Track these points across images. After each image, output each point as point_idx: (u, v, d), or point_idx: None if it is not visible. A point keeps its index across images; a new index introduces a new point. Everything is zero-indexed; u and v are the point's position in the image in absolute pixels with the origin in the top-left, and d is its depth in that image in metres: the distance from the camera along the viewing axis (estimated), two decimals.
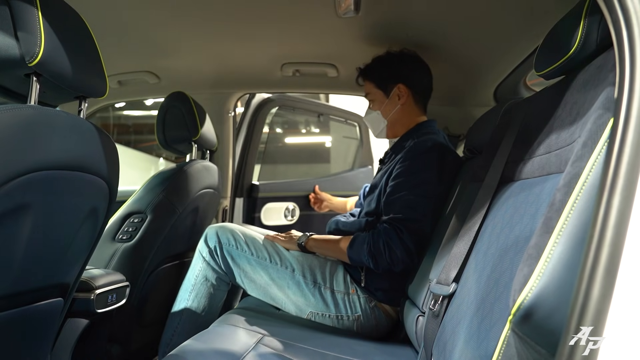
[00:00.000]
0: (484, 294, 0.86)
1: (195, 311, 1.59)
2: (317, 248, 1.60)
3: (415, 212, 1.44)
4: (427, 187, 1.46)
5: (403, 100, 1.68)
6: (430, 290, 1.12)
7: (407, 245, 1.40)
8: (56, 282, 1.06)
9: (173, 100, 1.81)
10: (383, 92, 1.70)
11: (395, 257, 1.41)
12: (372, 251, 1.44)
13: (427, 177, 1.47)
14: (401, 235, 1.41)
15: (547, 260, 0.59)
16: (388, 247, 1.42)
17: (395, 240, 1.41)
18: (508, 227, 0.90)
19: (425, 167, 1.48)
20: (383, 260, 1.42)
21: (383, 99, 1.71)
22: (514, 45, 1.59)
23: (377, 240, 1.44)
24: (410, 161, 1.51)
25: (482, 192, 1.09)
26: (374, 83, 1.72)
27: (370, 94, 1.74)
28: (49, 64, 0.87)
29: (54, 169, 0.87)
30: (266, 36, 1.71)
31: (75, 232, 1.02)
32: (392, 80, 1.68)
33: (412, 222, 1.43)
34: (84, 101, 1.05)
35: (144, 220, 1.60)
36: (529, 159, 0.96)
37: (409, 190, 1.46)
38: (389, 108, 1.70)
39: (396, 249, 1.41)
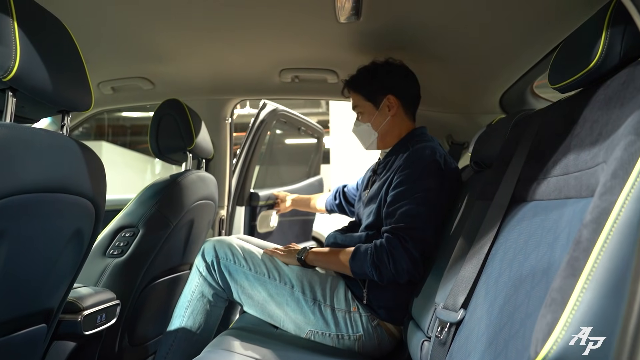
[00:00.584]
0: (497, 327, 0.79)
1: (191, 328, 1.53)
2: (317, 262, 1.54)
3: (418, 220, 1.39)
4: (429, 195, 1.42)
5: (393, 111, 1.63)
6: (436, 315, 1.06)
7: (412, 254, 1.36)
8: (38, 309, 0.99)
9: (167, 108, 1.74)
10: (372, 103, 1.65)
11: (400, 267, 1.36)
12: (375, 262, 1.39)
13: (428, 185, 1.43)
14: (405, 244, 1.36)
15: (574, 308, 0.52)
16: (392, 257, 1.37)
17: (399, 249, 1.36)
18: (522, 254, 0.83)
19: (426, 174, 1.44)
20: (387, 271, 1.38)
21: (372, 111, 1.65)
22: (521, 53, 1.53)
23: (380, 251, 1.39)
24: (410, 169, 1.46)
25: (492, 211, 1.03)
26: (362, 95, 1.66)
27: (358, 107, 1.69)
28: (25, 78, 0.80)
29: (31, 192, 0.81)
30: (264, 41, 1.65)
31: (57, 256, 0.95)
32: (381, 92, 1.63)
33: (415, 230, 1.38)
34: (67, 116, 0.98)
35: (136, 235, 1.53)
36: (543, 179, 0.89)
37: (410, 199, 1.42)
38: (379, 120, 1.65)
39: (400, 258, 1.36)
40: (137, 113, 8.67)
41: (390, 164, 1.57)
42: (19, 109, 0.88)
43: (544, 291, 0.70)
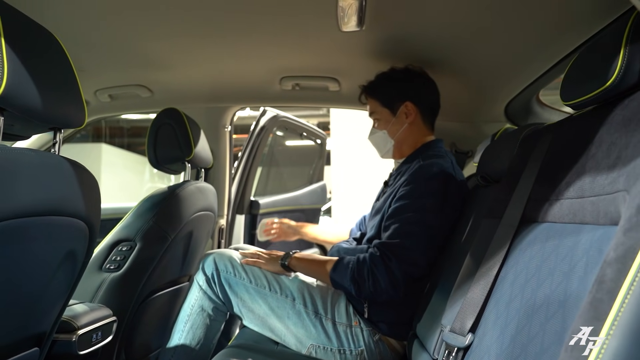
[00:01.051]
0: (509, 358, 0.75)
1: (190, 343, 1.50)
2: (300, 268, 1.52)
3: (409, 239, 1.35)
4: (427, 215, 1.37)
5: (411, 118, 1.58)
6: (442, 338, 1.02)
7: (394, 275, 1.32)
8: (30, 334, 0.95)
9: (165, 118, 1.70)
10: (389, 110, 1.60)
11: (378, 286, 1.34)
12: (355, 277, 1.36)
13: (428, 205, 1.38)
14: (389, 263, 1.33)
15: (599, 355, 0.49)
16: (372, 276, 1.34)
17: (381, 268, 1.33)
18: (535, 281, 0.79)
19: (428, 193, 1.39)
20: (366, 288, 1.35)
21: (389, 118, 1.60)
22: (528, 63, 1.50)
23: (362, 267, 1.36)
24: (413, 185, 1.42)
25: (501, 231, 0.99)
26: (380, 101, 1.62)
27: (375, 113, 1.64)
28: (14, 97, 0.76)
29: (21, 217, 0.77)
30: (265, 49, 1.61)
31: (49, 279, 0.92)
32: (399, 98, 1.58)
33: (404, 250, 1.34)
34: (59, 133, 0.94)
35: (133, 249, 1.49)
36: (556, 200, 0.85)
37: (406, 216, 1.38)
38: (396, 127, 1.60)
39: (380, 278, 1.33)
40: (136, 115, 8.64)
41: (400, 176, 1.53)
42: (8, 127, 0.85)
43: (561, 325, 0.66)
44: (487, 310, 0.92)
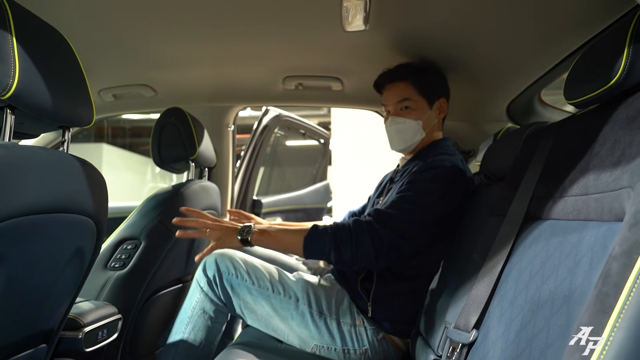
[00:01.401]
0: (514, 353, 0.76)
1: (191, 345, 1.50)
2: (264, 242, 1.33)
3: (403, 212, 1.30)
4: (428, 198, 1.33)
5: (442, 115, 1.57)
6: (447, 334, 1.03)
7: (380, 240, 1.26)
8: (38, 331, 0.96)
9: (169, 117, 1.71)
10: (427, 101, 1.54)
11: (360, 250, 1.26)
12: (336, 241, 1.27)
13: (431, 189, 1.35)
14: (376, 227, 1.26)
15: (605, 347, 0.49)
16: (355, 238, 1.26)
17: (365, 232, 1.26)
18: (539, 277, 0.80)
19: (434, 180, 1.37)
20: (346, 252, 1.26)
21: (425, 109, 1.54)
22: (530, 62, 1.50)
23: (343, 229, 1.27)
24: (421, 174, 1.39)
25: (505, 228, 1.00)
26: (418, 88, 1.52)
27: (410, 100, 1.52)
28: (24, 96, 0.77)
29: (31, 214, 0.78)
30: (268, 49, 1.62)
31: (58, 276, 0.92)
32: (438, 92, 1.55)
33: (395, 219, 1.29)
34: (68, 131, 0.95)
35: (138, 247, 1.50)
36: (560, 198, 0.86)
37: (408, 196, 1.34)
38: (429, 121, 1.55)
39: (364, 240, 1.26)
40: (138, 115, 8.65)
41: (408, 173, 1.50)
42: (18, 125, 0.86)
43: (565, 320, 0.67)
44: (491, 307, 0.93)
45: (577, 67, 0.91)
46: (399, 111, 1.55)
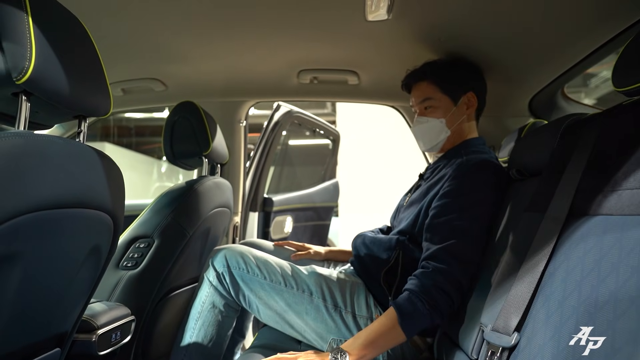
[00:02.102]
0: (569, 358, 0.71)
1: (202, 341, 1.45)
2: (364, 354, 1.16)
3: (467, 239, 1.23)
4: (480, 210, 1.26)
5: (471, 110, 1.50)
6: (484, 338, 0.97)
7: (460, 281, 1.19)
8: (52, 334, 0.91)
9: (181, 111, 1.66)
10: (450, 98, 1.49)
11: (454, 299, 1.18)
12: (432, 305, 1.17)
13: (480, 199, 1.28)
14: (452, 270, 1.19)
15: None
16: (443, 292, 1.17)
17: (445, 281, 1.18)
18: (594, 276, 0.74)
19: (479, 187, 1.29)
20: (444, 307, 1.18)
21: (449, 106, 1.48)
22: (557, 55, 1.45)
23: (429, 292, 1.17)
24: (460, 179, 1.31)
25: (546, 224, 0.94)
26: (440, 87, 1.49)
27: (432, 99, 1.49)
28: (41, 80, 0.72)
29: (47, 209, 0.72)
30: (284, 41, 1.56)
31: (74, 276, 0.87)
32: (463, 87, 1.49)
33: (463, 252, 1.22)
34: (84, 121, 0.90)
35: (151, 246, 1.45)
36: (612, 191, 0.80)
37: (459, 214, 1.26)
38: (455, 117, 1.49)
39: (451, 291, 1.17)
40: (142, 114, 8.60)
41: (439, 170, 1.45)
42: (33, 114, 0.80)
43: (636, 323, 0.62)
44: (534, 309, 0.87)
45: (627, 52, 0.85)
46: (423, 111, 1.52)
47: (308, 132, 3.79)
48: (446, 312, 1.19)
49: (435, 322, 1.19)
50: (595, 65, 1.51)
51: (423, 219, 1.37)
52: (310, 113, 2.70)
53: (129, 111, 2.60)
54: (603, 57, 1.44)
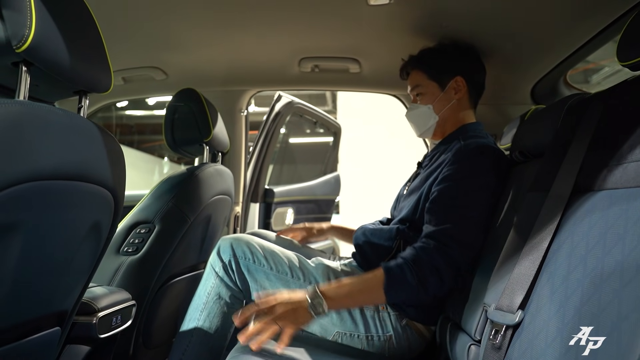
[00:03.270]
0: (576, 330, 0.70)
1: (207, 332, 1.44)
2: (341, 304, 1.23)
3: (467, 222, 1.23)
4: (480, 194, 1.26)
5: (460, 95, 1.50)
6: (488, 317, 0.96)
7: (456, 261, 1.19)
8: (52, 311, 0.90)
9: (182, 98, 1.65)
10: (437, 84, 1.50)
11: (445, 281, 1.18)
12: (420, 280, 1.17)
13: (479, 183, 1.28)
14: (451, 252, 1.19)
15: None
16: (436, 271, 1.17)
17: (440, 259, 1.18)
18: (600, 248, 0.74)
19: (478, 171, 1.29)
20: (432, 288, 1.18)
21: (436, 92, 1.50)
22: (560, 40, 1.44)
23: (421, 266, 1.18)
24: (460, 164, 1.31)
25: (550, 202, 0.93)
26: (427, 73, 1.51)
27: (420, 86, 1.52)
28: (41, 49, 0.71)
29: (47, 179, 0.72)
30: (284, 27, 1.56)
31: (74, 252, 0.86)
32: (450, 72, 1.50)
33: (464, 234, 1.21)
34: (85, 97, 0.89)
35: (152, 231, 1.44)
36: (617, 165, 0.80)
37: (458, 197, 1.26)
38: (443, 103, 1.50)
39: (444, 272, 1.17)
40: (143, 111, 8.60)
41: (437, 157, 1.45)
42: (33, 88, 0.79)
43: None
44: (538, 286, 0.87)
45: (633, 25, 0.84)
46: (415, 98, 1.56)
47: (309, 130, 3.79)
48: (433, 292, 1.19)
49: (419, 299, 1.19)
50: (596, 61, 1.52)
51: (423, 205, 1.36)
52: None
53: (130, 99, 2.59)
54: (605, 42, 1.43)
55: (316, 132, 3.57)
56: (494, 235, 1.19)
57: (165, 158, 9.58)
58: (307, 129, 4.38)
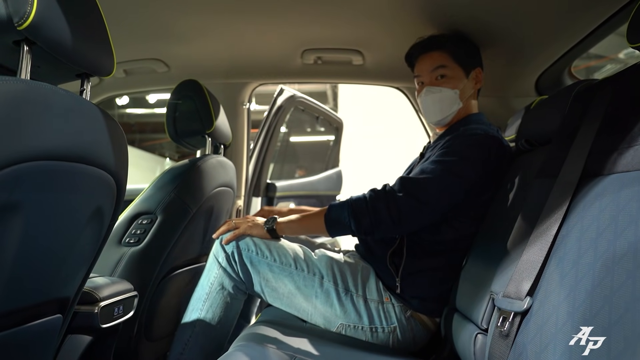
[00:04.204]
0: (587, 314, 0.69)
1: (209, 323, 1.42)
2: (290, 229, 1.42)
3: (428, 178, 1.27)
4: (459, 164, 1.29)
5: (478, 86, 1.50)
6: (495, 304, 0.95)
7: (398, 207, 1.24)
8: (53, 297, 0.89)
9: (185, 90, 1.64)
10: (463, 69, 1.47)
11: (378, 218, 1.26)
12: (354, 212, 1.29)
13: (464, 155, 1.30)
14: (394, 196, 1.25)
15: None
16: (372, 206, 1.27)
17: (382, 200, 1.26)
18: (611, 231, 0.72)
19: (468, 147, 1.31)
20: (365, 220, 1.27)
21: (461, 77, 1.47)
22: (565, 29, 1.43)
23: (359, 199, 1.29)
24: (454, 141, 1.34)
25: (558, 188, 0.92)
26: (453, 56, 1.46)
27: (445, 67, 1.45)
28: (43, 28, 0.70)
29: (49, 159, 0.70)
30: (287, 18, 1.55)
31: (76, 237, 0.85)
32: (474, 61, 1.49)
33: (417, 186, 1.26)
34: (87, 81, 0.88)
35: (154, 222, 1.43)
36: (628, 148, 0.78)
37: (439, 162, 1.29)
38: (467, 90, 1.48)
39: (382, 208, 1.25)
40: (143, 110, 8.59)
41: (439, 147, 1.43)
42: (34, 69, 0.78)
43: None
44: (547, 272, 0.85)
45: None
46: (434, 80, 1.48)
47: (310, 129, 3.76)
48: (367, 230, 1.28)
49: (357, 235, 1.32)
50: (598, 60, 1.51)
51: None
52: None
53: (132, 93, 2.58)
54: (609, 32, 1.42)
55: (317, 130, 3.57)
56: (500, 223, 1.18)
57: (167, 160, 9.58)
58: (308, 127, 4.37)
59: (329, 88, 6.95)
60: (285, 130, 3.60)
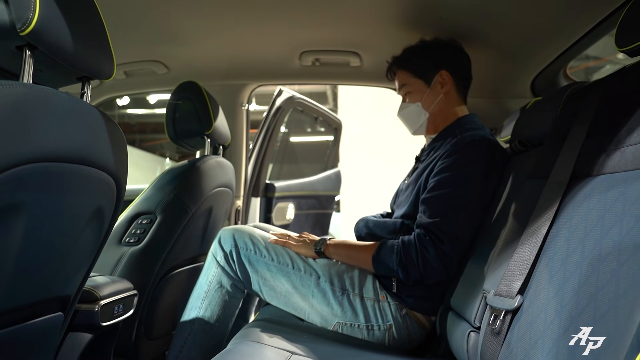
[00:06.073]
0: (574, 311, 0.71)
1: (208, 321, 1.44)
2: (337, 255, 1.44)
3: (458, 214, 1.28)
4: (474, 186, 1.30)
5: (446, 88, 1.51)
6: (487, 303, 0.97)
7: (446, 256, 1.25)
8: (55, 295, 0.91)
9: (184, 91, 1.66)
10: (423, 81, 1.52)
11: (429, 269, 1.27)
12: (402, 261, 1.30)
13: (473, 174, 1.31)
14: (439, 243, 1.26)
15: None
16: (422, 258, 1.27)
17: (431, 249, 1.26)
18: (597, 231, 0.74)
19: (473, 162, 1.32)
20: (415, 271, 1.29)
21: (423, 89, 1.53)
22: (560, 30, 1.45)
23: (409, 249, 1.29)
24: (455, 156, 1.34)
25: (549, 189, 0.94)
26: (412, 72, 1.54)
27: (407, 85, 1.55)
28: (45, 33, 0.72)
29: (51, 161, 0.72)
30: (285, 20, 1.57)
31: (77, 236, 0.87)
32: (434, 67, 1.51)
33: (454, 226, 1.27)
34: (88, 84, 0.90)
35: (153, 222, 1.45)
36: (615, 150, 0.80)
37: (452, 188, 1.30)
38: (431, 98, 1.52)
39: (432, 260, 1.26)
40: (144, 110, 8.61)
41: (435, 150, 1.46)
42: (36, 73, 0.80)
43: (639, 267, 0.62)
44: (537, 270, 0.87)
45: (631, 12, 0.85)
46: (404, 97, 1.58)
47: (309, 129, 3.78)
48: (411, 279, 1.31)
49: (400, 277, 1.33)
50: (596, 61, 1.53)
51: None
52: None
53: (132, 94, 2.60)
54: (604, 34, 1.44)
55: (317, 130, 3.58)
56: (493, 223, 1.20)
57: (168, 160, 9.61)
58: (308, 127, 4.38)
59: (329, 88, 6.98)
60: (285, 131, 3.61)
